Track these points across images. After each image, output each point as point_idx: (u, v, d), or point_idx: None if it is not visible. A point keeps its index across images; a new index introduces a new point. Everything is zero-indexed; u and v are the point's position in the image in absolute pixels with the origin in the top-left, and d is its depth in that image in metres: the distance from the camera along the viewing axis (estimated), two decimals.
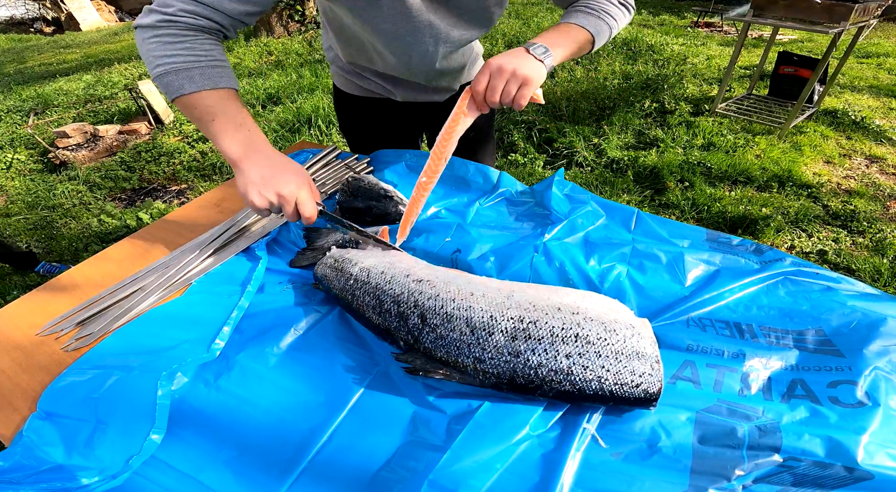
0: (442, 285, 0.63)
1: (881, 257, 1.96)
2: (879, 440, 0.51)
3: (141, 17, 0.71)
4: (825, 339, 0.63)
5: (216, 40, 0.75)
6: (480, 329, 0.57)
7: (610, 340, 0.54)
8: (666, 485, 0.50)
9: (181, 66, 0.71)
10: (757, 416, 0.55)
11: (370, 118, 1.16)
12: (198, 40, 0.72)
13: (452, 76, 1.07)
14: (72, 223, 2.63)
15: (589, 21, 0.82)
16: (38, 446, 0.57)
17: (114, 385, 0.62)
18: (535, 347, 0.55)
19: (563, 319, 0.56)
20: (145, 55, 0.72)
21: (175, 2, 0.70)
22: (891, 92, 3.63)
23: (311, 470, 0.54)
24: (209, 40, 0.74)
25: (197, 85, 0.71)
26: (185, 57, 0.71)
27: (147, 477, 0.54)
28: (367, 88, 1.09)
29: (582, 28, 0.81)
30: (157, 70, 0.71)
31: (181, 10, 0.70)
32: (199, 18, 0.71)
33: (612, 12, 0.85)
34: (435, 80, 1.04)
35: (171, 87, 0.72)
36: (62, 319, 0.77)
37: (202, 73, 0.72)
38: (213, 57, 0.73)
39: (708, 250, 0.77)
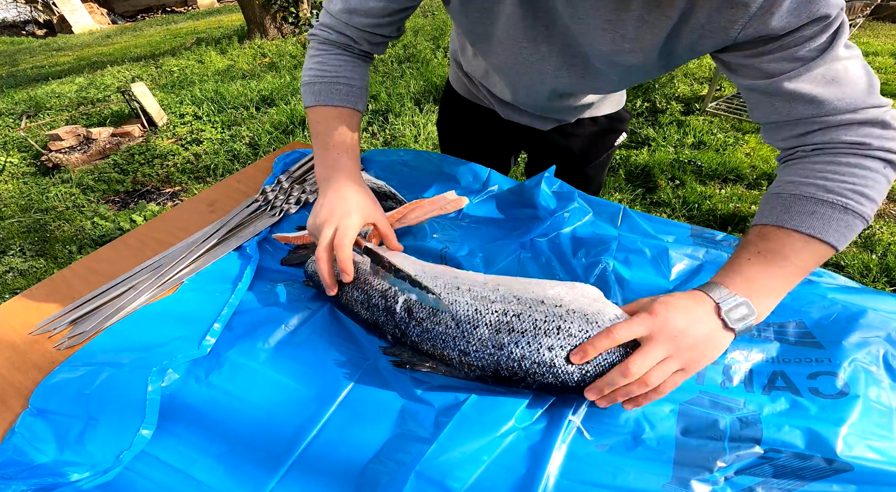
0: (429, 280, 0.63)
1: (870, 253, 1.98)
2: (858, 432, 0.52)
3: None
4: (806, 331, 0.64)
5: (351, 55, 0.77)
6: (465, 323, 0.58)
7: (592, 332, 0.55)
8: (650, 476, 0.51)
9: (309, 79, 0.76)
10: (739, 407, 0.56)
11: (470, 123, 1.14)
12: (331, 54, 0.75)
13: (566, 113, 0.98)
14: (65, 226, 2.63)
15: (837, 224, 0.53)
16: (29, 443, 0.58)
17: (105, 382, 0.62)
18: (519, 339, 0.56)
19: (545, 311, 0.57)
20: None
21: (323, 16, 0.76)
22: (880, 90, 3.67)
23: (300, 463, 0.54)
24: (344, 55, 0.76)
25: (315, 99, 0.75)
26: (315, 71, 0.75)
27: (138, 472, 0.55)
28: (474, 94, 1.08)
29: (824, 245, 0.54)
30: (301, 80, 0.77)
31: (322, 24, 0.76)
32: (331, 32, 0.75)
33: (869, 190, 0.54)
34: (544, 112, 0.98)
35: (303, 99, 0.77)
36: (55, 318, 0.78)
37: (322, 89, 0.75)
38: (339, 73, 0.75)
39: (692, 245, 0.78)
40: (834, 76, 0.53)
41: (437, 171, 1.03)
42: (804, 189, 0.55)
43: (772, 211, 0.57)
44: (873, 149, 0.54)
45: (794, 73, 0.54)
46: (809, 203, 0.55)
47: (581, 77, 0.73)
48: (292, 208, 0.95)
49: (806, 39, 0.52)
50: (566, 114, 0.98)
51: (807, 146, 0.58)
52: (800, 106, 0.55)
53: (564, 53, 0.70)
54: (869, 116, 0.54)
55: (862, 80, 0.54)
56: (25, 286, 2.20)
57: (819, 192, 0.54)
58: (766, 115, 0.60)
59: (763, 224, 0.57)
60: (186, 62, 5.40)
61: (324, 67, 0.75)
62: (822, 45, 0.52)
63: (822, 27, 0.50)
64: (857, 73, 0.54)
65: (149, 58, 5.92)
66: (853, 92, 0.53)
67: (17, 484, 0.51)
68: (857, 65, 0.54)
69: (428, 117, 3.38)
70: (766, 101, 0.58)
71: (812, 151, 0.57)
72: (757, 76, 0.56)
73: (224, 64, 5.18)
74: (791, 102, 0.55)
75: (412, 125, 3.31)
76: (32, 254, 2.46)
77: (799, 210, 0.55)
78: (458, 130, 1.19)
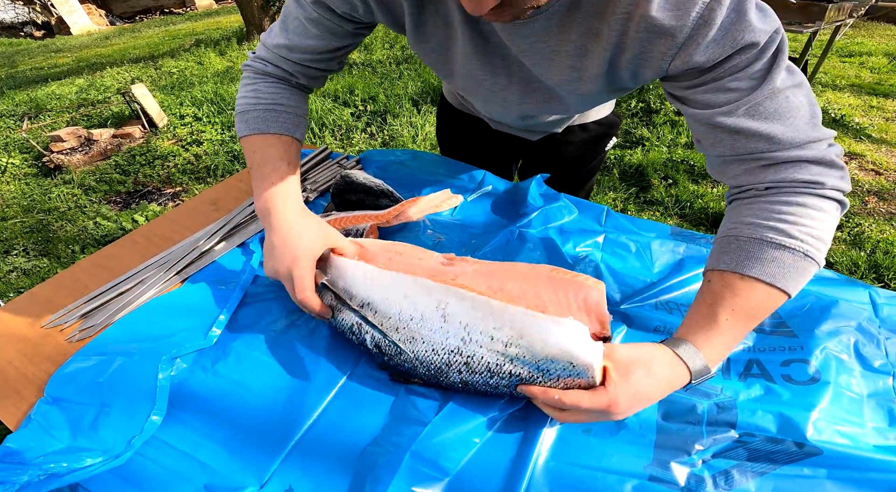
0: (384, 311, 0.63)
1: (858, 250, 2.02)
2: (828, 417, 0.55)
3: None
4: (780, 321, 0.68)
5: (288, 85, 0.75)
6: (427, 362, 0.59)
7: (540, 379, 0.55)
8: (632, 458, 0.54)
9: (242, 108, 0.73)
10: (716, 393, 0.59)
11: (465, 133, 1.14)
12: (266, 83, 0.73)
13: (550, 126, 0.97)
14: (68, 226, 2.66)
15: (796, 272, 0.53)
16: (45, 430, 0.60)
17: (116, 370, 0.65)
18: (477, 379, 0.57)
19: (496, 354, 0.56)
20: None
21: (259, 49, 0.74)
22: (872, 90, 3.71)
23: (301, 447, 0.57)
24: (280, 84, 0.74)
25: (249, 128, 0.72)
26: (249, 99, 0.73)
27: (148, 457, 0.57)
28: (465, 105, 1.09)
29: (783, 293, 0.53)
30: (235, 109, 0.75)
31: (258, 57, 0.74)
32: (267, 65, 0.73)
33: (825, 234, 0.54)
34: (527, 127, 0.97)
35: (237, 129, 0.74)
36: (66, 312, 0.81)
37: (257, 116, 0.72)
38: (275, 100, 0.72)
39: (673, 241, 0.82)
40: (776, 109, 0.52)
41: (433, 171, 1.07)
42: (764, 233, 0.53)
43: (730, 256, 0.55)
44: (827, 188, 0.53)
45: (732, 106, 0.53)
46: (770, 248, 0.53)
47: (545, 102, 0.73)
48: None
49: (738, 69, 0.51)
50: (550, 127, 0.98)
51: (759, 185, 0.56)
52: (743, 140, 0.54)
53: (523, 83, 0.71)
54: (816, 154, 0.53)
55: (804, 110, 0.53)
56: (30, 285, 2.23)
57: (779, 236, 0.53)
58: (711, 147, 0.59)
59: (722, 270, 0.55)
60: (186, 64, 5.42)
61: (259, 95, 0.72)
62: (758, 74, 0.51)
63: (753, 55, 0.50)
64: (799, 103, 0.53)
65: (148, 59, 5.94)
66: (796, 125, 0.53)
67: (34, 469, 0.53)
68: (799, 94, 0.53)
69: (426, 118, 3.41)
70: (710, 133, 0.57)
71: (766, 190, 0.56)
72: (697, 107, 0.56)
73: (223, 65, 5.20)
74: (734, 136, 0.55)
75: (410, 126, 3.34)
76: (36, 254, 2.48)
77: (760, 256, 0.53)
78: (455, 139, 1.19)
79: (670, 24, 0.50)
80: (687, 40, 0.50)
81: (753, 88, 0.52)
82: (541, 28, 0.58)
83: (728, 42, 0.49)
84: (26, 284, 2.25)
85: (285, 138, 0.72)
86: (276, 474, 0.55)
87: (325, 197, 1.04)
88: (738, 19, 0.48)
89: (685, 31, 0.50)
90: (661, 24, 0.50)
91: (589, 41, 0.57)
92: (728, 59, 0.51)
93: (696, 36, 0.50)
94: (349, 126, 3.46)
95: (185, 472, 0.56)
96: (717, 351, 0.55)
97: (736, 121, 0.53)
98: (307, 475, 0.55)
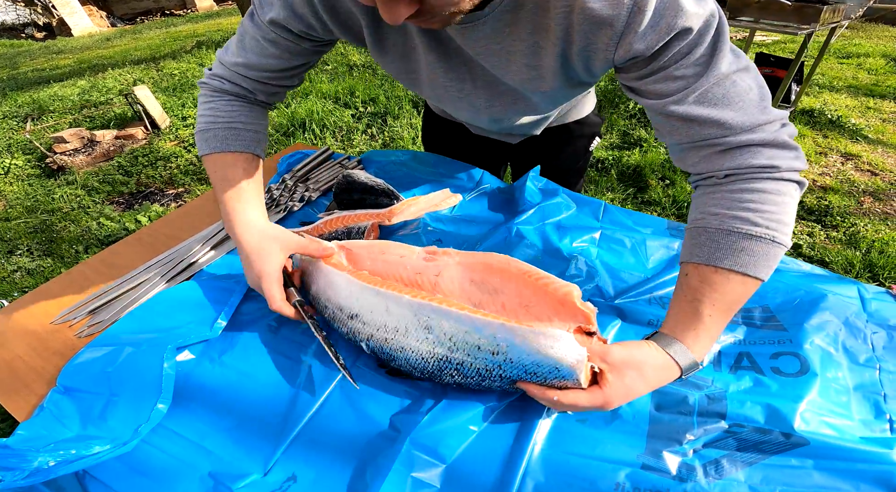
0: (371, 322, 0.64)
1: (854, 250, 2.04)
2: (815, 409, 0.56)
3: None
4: (770, 315, 0.69)
5: (247, 102, 0.75)
6: (420, 367, 0.61)
7: (531, 379, 0.57)
8: (625, 448, 0.55)
9: (202, 126, 0.73)
10: (707, 385, 0.60)
11: (448, 138, 1.13)
12: (223, 101, 0.73)
13: (525, 128, 0.93)
14: (71, 227, 2.68)
15: (766, 258, 0.54)
16: (56, 419, 0.61)
17: (125, 360, 0.67)
18: (470, 381, 0.59)
19: (484, 360, 0.58)
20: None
21: (216, 66, 0.74)
22: (869, 91, 3.73)
23: (303, 436, 0.59)
24: (238, 101, 0.74)
25: (209, 146, 0.72)
26: (208, 117, 0.73)
27: (155, 445, 0.59)
28: (446, 112, 1.08)
29: (756, 280, 0.55)
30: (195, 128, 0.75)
31: (214, 74, 0.74)
32: (224, 82, 0.73)
33: (788, 217, 0.55)
34: (502, 131, 0.95)
35: (198, 148, 0.74)
36: (75, 308, 0.83)
37: (216, 135, 0.72)
38: (233, 118, 0.73)
39: (668, 237, 0.84)
40: (724, 94, 0.53)
41: (432, 170, 1.09)
42: (730, 223, 0.55)
43: (702, 249, 0.56)
44: (783, 170, 0.54)
45: (681, 95, 0.54)
46: (738, 238, 0.54)
47: (512, 104, 0.74)
48: (296, 205, 1.01)
49: (682, 56, 0.52)
50: (527, 129, 0.94)
51: (719, 172, 0.57)
52: (696, 127, 0.55)
53: (488, 87, 0.71)
54: (767, 137, 0.54)
55: (753, 93, 0.54)
56: (34, 285, 2.25)
57: (745, 225, 0.54)
58: (669, 136, 0.60)
59: (696, 263, 0.57)
60: (187, 65, 5.44)
61: (217, 113, 0.72)
62: (702, 60, 0.52)
63: (692, 41, 0.51)
64: (747, 86, 0.54)
65: (149, 61, 5.96)
66: (746, 109, 0.54)
67: (44, 455, 0.54)
68: (746, 78, 0.54)
69: None
70: (665, 122, 0.58)
71: (725, 177, 0.57)
72: (650, 97, 0.58)
73: None
74: (688, 124, 0.56)
75: (410, 127, 3.36)
76: (40, 254, 2.50)
77: (730, 247, 0.54)
78: (440, 145, 1.18)
79: (607, 14, 0.51)
80: (625, 29, 0.51)
81: (699, 75, 0.53)
82: (491, 30, 0.59)
83: (663, 28, 0.50)
84: (30, 284, 2.27)
85: (245, 155, 0.73)
86: (279, 461, 0.57)
87: (327, 196, 1.06)
88: (671, 4, 0.49)
89: (621, 20, 0.51)
90: (599, 14, 0.51)
91: (539, 38, 0.58)
92: (667, 46, 0.52)
93: (632, 24, 0.51)
94: (350, 127, 3.48)
95: (191, 460, 0.57)
96: (705, 345, 0.57)
97: (687, 109, 0.55)
98: (310, 463, 0.56)
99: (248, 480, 0.55)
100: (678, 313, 0.58)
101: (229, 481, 0.54)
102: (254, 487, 0.54)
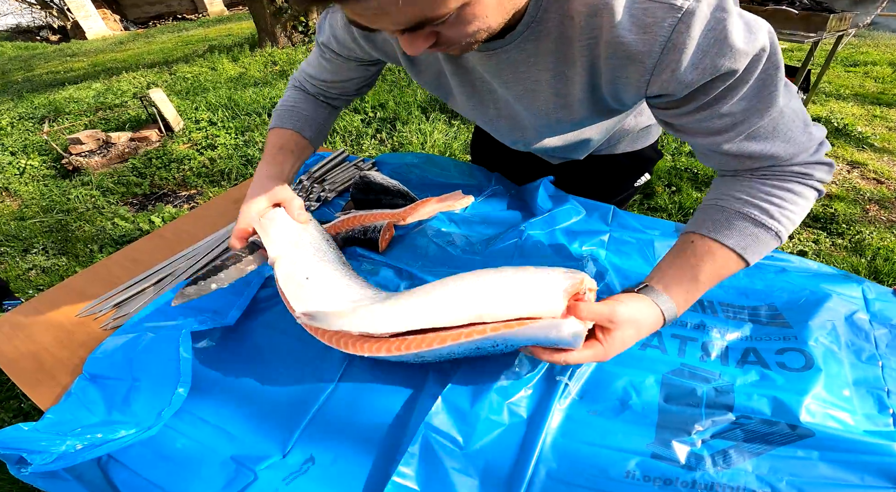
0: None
1: (859, 257, 2.04)
2: (820, 402, 0.57)
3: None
4: (777, 313, 0.71)
5: (310, 96, 0.89)
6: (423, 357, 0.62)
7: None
8: (635, 437, 0.56)
9: (275, 109, 0.88)
10: (714, 379, 0.62)
11: (496, 155, 1.12)
12: (294, 92, 0.89)
13: (565, 152, 0.90)
14: (86, 226, 2.73)
15: (764, 247, 0.59)
16: (83, 405, 0.64)
17: (146, 347, 0.69)
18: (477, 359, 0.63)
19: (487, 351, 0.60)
20: None
21: (299, 69, 0.89)
22: (876, 100, 3.72)
23: (320, 418, 0.61)
24: (302, 94, 0.88)
25: (272, 123, 0.87)
26: (279, 104, 0.88)
27: (178, 430, 0.61)
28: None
29: (745, 263, 0.59)
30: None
31: (294, 77, 0.90)
32: (297, 82, 0.89)
33: (799, 218, 0.59)
34: (539, 153, 0.93)
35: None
36: (100, 301, 0.86)
37: (278, 115, 0.87)
38: (295, 104, 0.86)
39: (675, 238, 0.85)
40: (774, 127, 0.53)
41: (445, 173, 1.12)
42: (749, 210, 0.58)
43: (715, 224, 0.60)
44: (814, 180, 0.58)
45: (730, 134, 0.54)
46: (751, 225, 0.58)
47: (534, 130, 0.74)
48: (313, 205, 1.04)
49: (724, 96, 0.51)
50: (560, 152, 0.90)
51: (756, 171, 0.59)
52: (745, 160, 0.57)
53: (511, 116, 0.73)
54: (811, 159, 0.57)
55: (798, 118, 0.54)
56: (49, 283, 2.29)
57: (762, 216, 0.57)
58: (711, 163, 0.62)
59: (704, 235, 0.60)
60: (200, 69, 5.52)
61: (286, 102, 0.87)
62: (749, 94, 0.51)
63: (736, 81, 0.49)
64: (793, 112, 0.54)
65: (162, 64, 6.05)
66: (794, 138, 0.55)
67: (71, 439, 0.56)
68: (792, 103, 0.53)
69: (434, 125, 3.47)
70: (713, 156, 0.60)
71: (762, 175, 0.59)
72: (695, 135, 0.57)
73: (236, 71, 5.30)
74: (738, 159, 0.57)
75: (419, 133, 3.39)
76: (55, 252, 2.55)
77: (741, 230, 0.58)
78: (486, 157, 1.18)
79: (637, 50, 0.49)
80: (657, 66, 0.49)
81: (749, 111, 0.52)
82: (514, 59, 0.59)
83: (706, 68, 0.48)
84: (45, 282, 2.31)
85: (289, 132, 0.84)
86: (297, 444, 0.59)
87: (342, 197, 1.09)
88: (717, 43, 0.46)
89: (653, 57, 0.49)
90: (629, 48, 0.49)
91: (565, 68, 0.58)
92: (710, 85, 0.50)
93: (666, 61, 0.49)
94: (359, 132, 3.52)
95: (213, 443, 0.59)
96: (687, 303, 0.61)
97: (739, 147, 0.55)
98: (327, 445, 0.58)
99: (268, 462, 0.56)
100: (675, 272, 0.61)
101: (251, 462, 0.56)
102: (274, 468, 0.56)
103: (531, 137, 0.78)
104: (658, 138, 1.02)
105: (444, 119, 3.57)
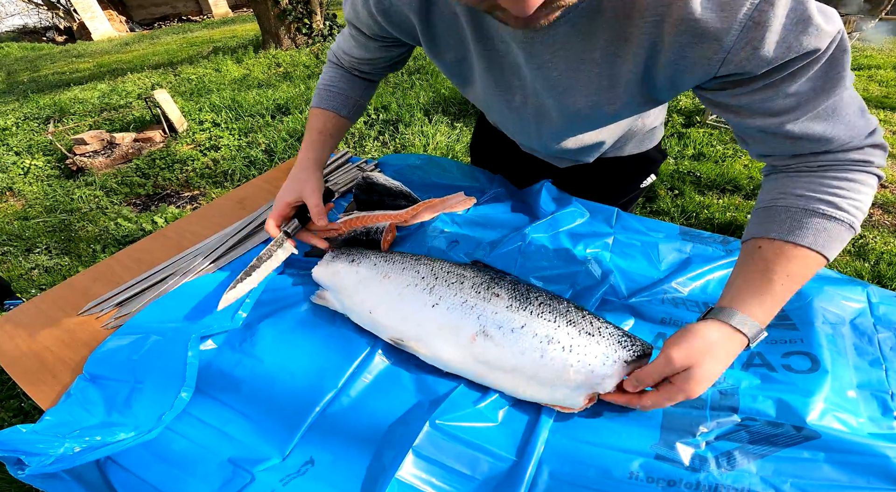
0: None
1: (862, 261, 2.04)
2: (825, 404, 0.57)
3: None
4: (783, 314, 0.71)
5: (346, 73, 0.91)
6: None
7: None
8: (640, 438, 0.57)
9: (317, 87, 0.92)
10: (719, 382, 0.62)
11: (498, 152, 1.11)
12: (332, 69, 0.92)
13: (577, 154, 0.89)
14: (89, 226, 2.74)
15: (840, 242, 0.56)
16: (82, 406, 0.63)
17: (150, 349, 0.69)
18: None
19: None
20: None
21: (334, 44, 0.91)
22: (880, 103, 3.70)
23: (321, 421, 0.61)
24: (341, 71, 0.91)
25: (313, 103, 0.92)
26: (320, 82, 0.92)
27: (177, 431, 0.61)
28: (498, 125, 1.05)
29: (824, 258, 0.56)
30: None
31: (330, 50, 0.92)
32: (333, 57, 0.92)
33: (866, 206, 0.57)
34: (550, 154, 0.93)
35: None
36: (103, 300, 0.86)
37: (318, 94, 0.91)
38: (332, 83, 0.90)
39: (680, 241, 0.86)
40: (835, 108, 0.52)
41: (447, 174, 1.11)
42: (816, 205, 0.55)
43: (782, 225, 0.57)
44: (874, 166, 0.56)
45: (796, 113, 0.52)
46: (821, 219, 0.55)
47: (558, 125, 0.73)
48: None
49: (799, 73, 0.49)
50: (574, 154, 0.89)
51: (812, 163, 0.57)
52: (804, 143, 0.55)
53: (537, 106, 0.71)
54: (868, 141, 0.55)
55: (856, 103, 0.53)
56: (51, 283, 2.30)
57: (830, 209, 0.55)
58: (767, 151, 0.59)
59: (773, 238, 0.57)
60: (204, 70, 5.54)
61: (324, 80, 0.92)
62: (817, 75, 0.49)
63: (815, 59, 0.48)
64: (853, 96, 0.53)
65: (167, 65, 6.08)
66: (851, 122, 0.53)
67: (70, 441, 0.55)
68: (850, 91, 0.53)
69: (437, 128, 3.47)
70: (769, 139, 0.57)
71: (819, 167, 0.57)
72: (751, 116, 0.55)
73: (240, 73, 5.32)
74: (796, 141, 0.55)
75: (421, 135, 3.40)
76: (58, 252, 2.56)
77: (812, 227, 0.55)
78: (488, 157, 1.17)
79: (714, 27, 0.47)
80: (735, 44, 0.47)
81: (817, 91, 0.51)
82: (564, 35, 0.56)
83: (790, 46, 0.46)
84: (48, 282, 2.32)
85: (328, 113, 0.90)
86: (297, 446, 0.59)
87: (345, 197, 1.09)
88: (801, 22, 0.45)
89: (732, 35, 0.46)
90: (705, 26, 0.47)
91: (618, 48, 0.55)
92: (790, 63, 0.48)
93: (745, 40, 0.46)
94: (362, 134, 3.53)
95: (212, 445, 0.59)
96: (770, 312, 0.57)
97: (803, 127, 0.53)
98: (327, 447, 0.58)
99: (267, 464, 0.56)
100: (744, 283, 0.58)
101: (249, 464, 0.56)
102: (273, 470, 0.56)
103: (550, 132, 0.77)
104: (661, 139, 1.03)
105: (447, 121, 3.58)
